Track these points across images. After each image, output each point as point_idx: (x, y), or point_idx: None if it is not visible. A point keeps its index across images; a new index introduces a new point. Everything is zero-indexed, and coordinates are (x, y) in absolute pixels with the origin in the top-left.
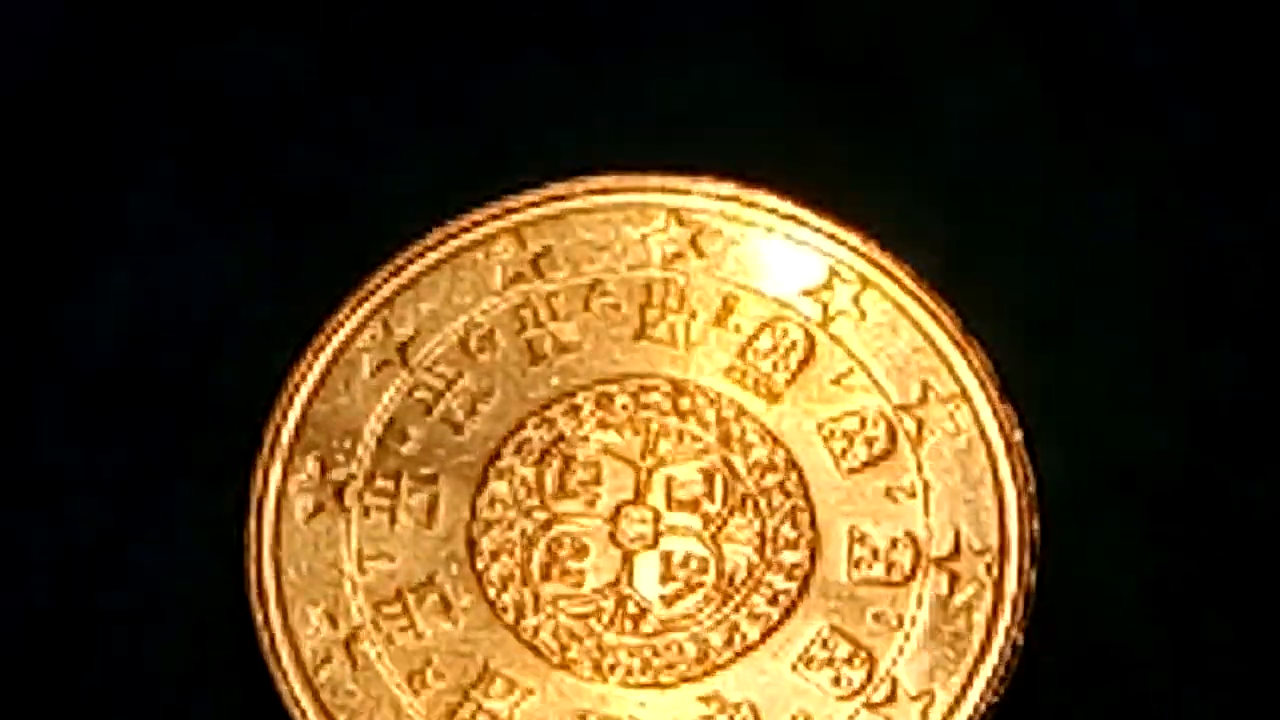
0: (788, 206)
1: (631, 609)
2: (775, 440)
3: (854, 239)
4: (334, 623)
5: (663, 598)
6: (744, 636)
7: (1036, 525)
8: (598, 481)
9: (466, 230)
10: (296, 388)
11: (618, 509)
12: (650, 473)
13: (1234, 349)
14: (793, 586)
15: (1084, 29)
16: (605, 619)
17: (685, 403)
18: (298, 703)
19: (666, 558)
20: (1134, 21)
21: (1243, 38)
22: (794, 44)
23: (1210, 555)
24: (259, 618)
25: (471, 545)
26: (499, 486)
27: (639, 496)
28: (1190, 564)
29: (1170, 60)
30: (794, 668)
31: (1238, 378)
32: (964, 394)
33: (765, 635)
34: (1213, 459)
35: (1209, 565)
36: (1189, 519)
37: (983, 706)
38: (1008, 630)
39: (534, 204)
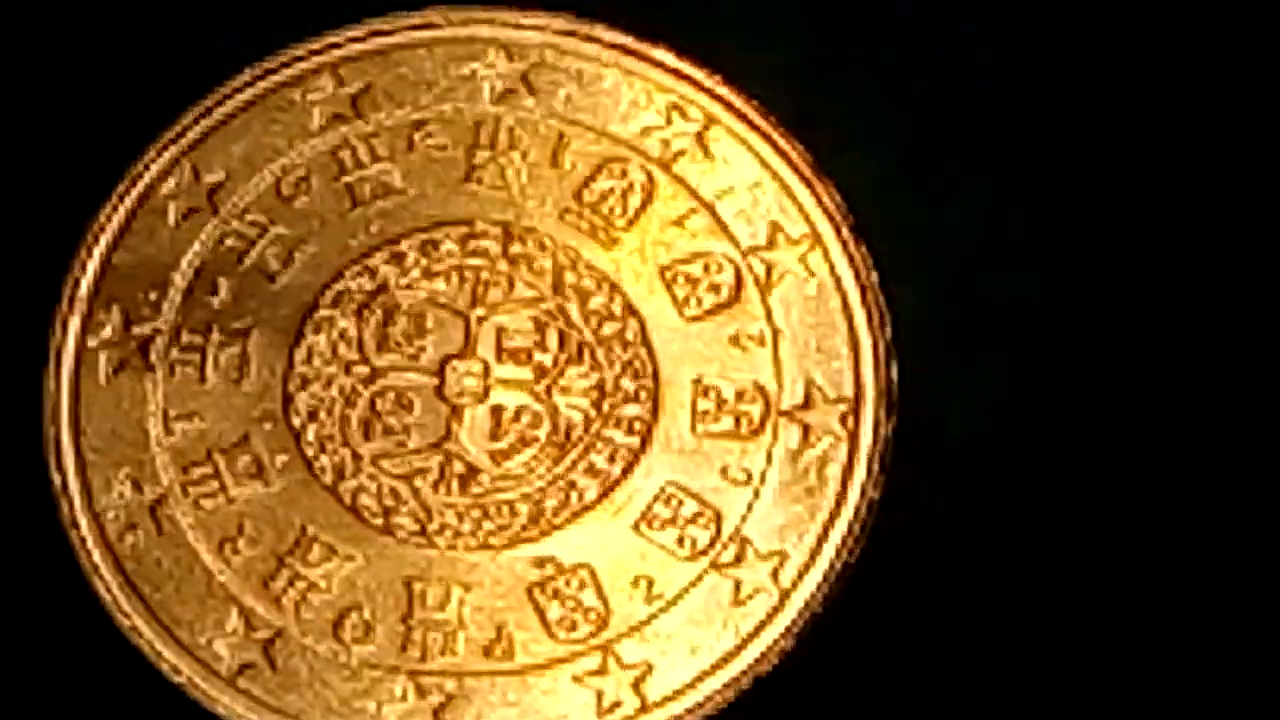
0: (626, 40)
1: (459, 468)
2: (613, 286)
3: (697, 74)
4: (138, 487)
5: (492, 455)
6: (581, 495)
7: (894, 373)
8: (422, 333)
9: (281, 68)
10: (96, 236)
11: (444, 362)
12: (479, 323)
13: (1092, 187)
14: (633, 441)
15: None
16: (431, 479)
17: (516, 248)
18: (99, 572)
19: (496, 412)
20: None
21: None
22: None
23: (1071, 400)
24: (56, 482)
25: (287, 402)
26: (316, 340)
27: (467, 348)
28: (1051, 411)
29: None
30: (635, 527)
31: (1098, 217)
32: (815, 235)
33: (604, 494)
34: (1072, 301)
35: (1070, 412)
36: (1049, 363)
37: (838, 565)
38: (863, 485)
39: (354, 39)
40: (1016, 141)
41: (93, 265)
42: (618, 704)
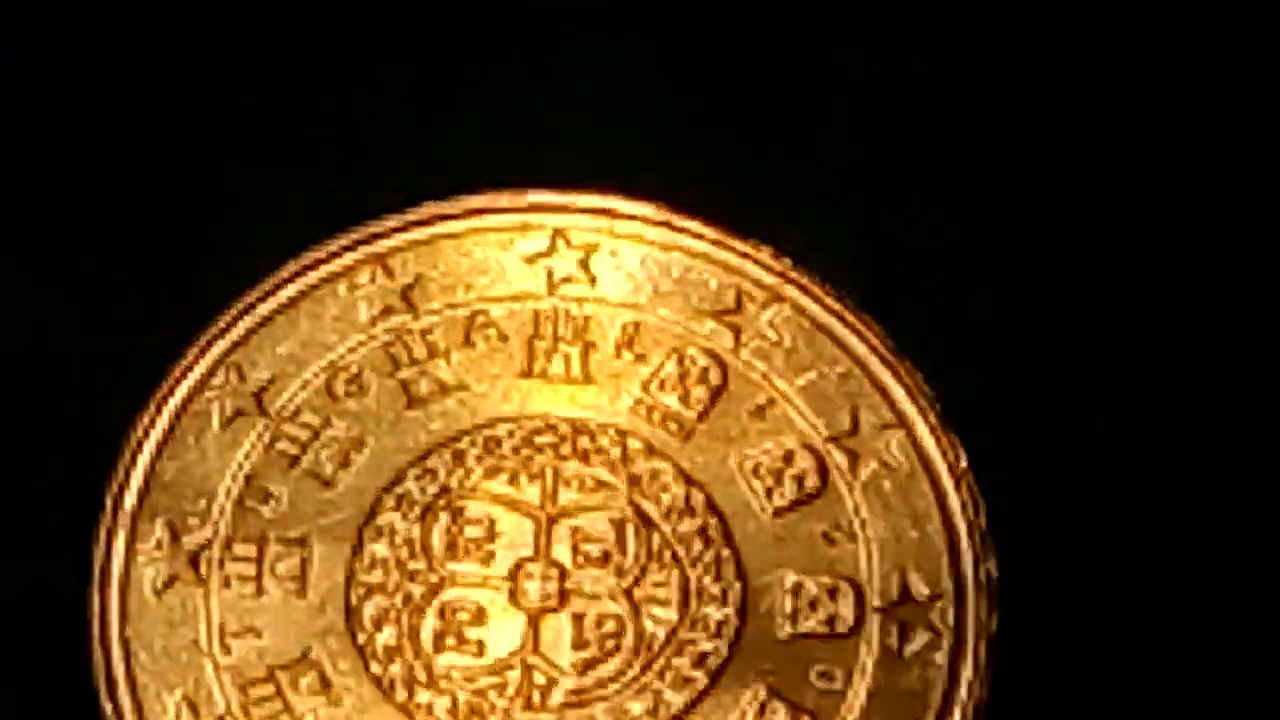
0: (686, 222)
1: (540, 679)
2: (690, 481)
3: (764, 255)
4: (195, 710)
5: (575, 665)
6: (668, 705)
7: (993, 565)
8: (492, 537)
9: (325, 261)
10: (139, 445)
11: (517, 567)
12: (552, 524)
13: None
14: (721, 645)
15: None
16: (511, 691)
17: (586, 443)
18: None
19: (577, 620)
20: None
21: None
22: (681, 50)
23: (1173, 587)
24: (108, 708)
25: (350, 614)
26: (378, 547)
27: (540, 552)
28: (1151, 599)
29: None
30: None
31: (1184, 400)
32: (901, 420)
33: (693, 703)
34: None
35: (1172, 600)
36: (1142, 549)
37: None
38: (970, 684)
39: (400, 228)
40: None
41: (136, 476)
42: None
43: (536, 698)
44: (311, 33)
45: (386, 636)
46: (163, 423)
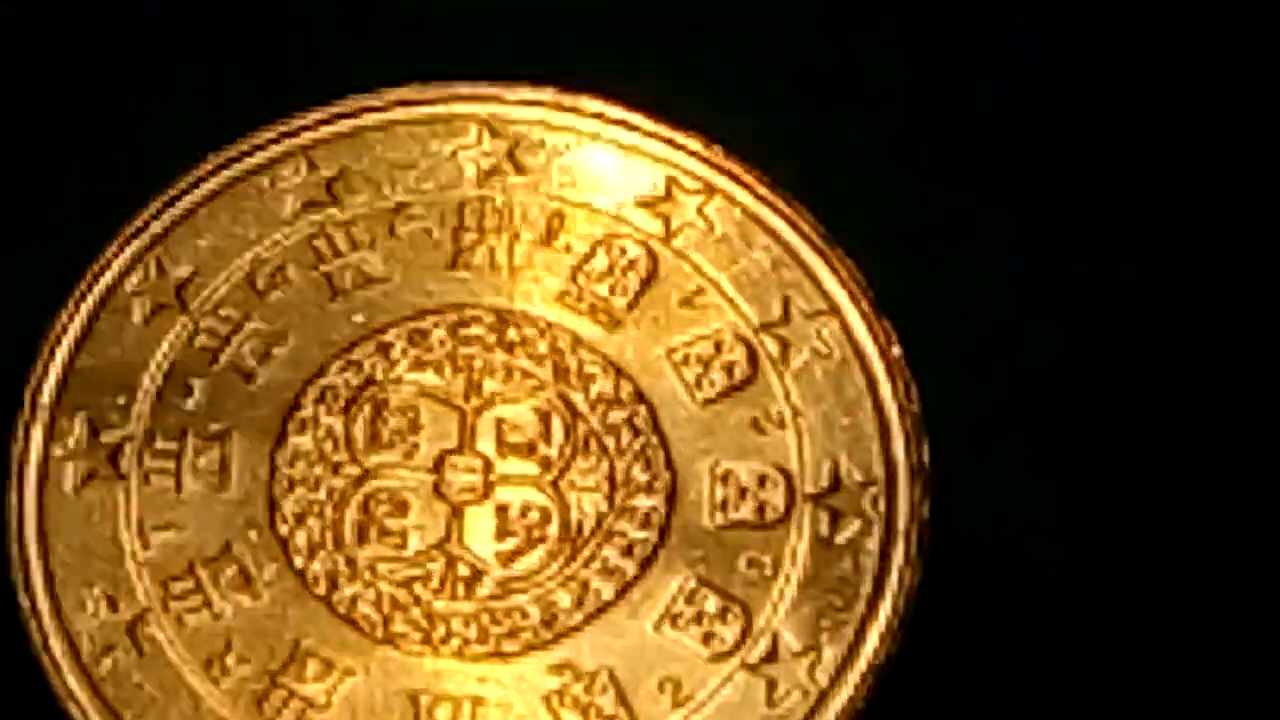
0: (617, 111)
1: (464, 571)
2: (619, 371)
3: (694, 144)
4: (115, 605)
5: (500, 556)
6: (597, 595)
7: (926, 451)
8: (416, 429)
9: (247, 154)
10: (57, 340)
11: (441, 458)
12: (477, 415)
13: (1118, 251)
14: (649, 535)
15: None
16: (434, 583)
17: (512, 334)
18: (74, 698)
19: (501, 510)
20: None
21: None
22: None
23: (1104, 472)
24: (25, 604)
25: (272, 508)
26: (300, 440)
27: (465, 443)
28: (1085, 483)
29: None
30: (657, 627)
31: (1124, 285)
32: (833, 308)
33: (621, 592)
34: (1101, 370)
35: (1104, 484)
36: (1081, 436)
37: (879, 658)
38: (901, 571)
39: (324, 121)
40: (1036, 204)
41: (54, 371)
42: None
43: (461, 589)
44: None
45: (308, 530)
46: (81, 318)
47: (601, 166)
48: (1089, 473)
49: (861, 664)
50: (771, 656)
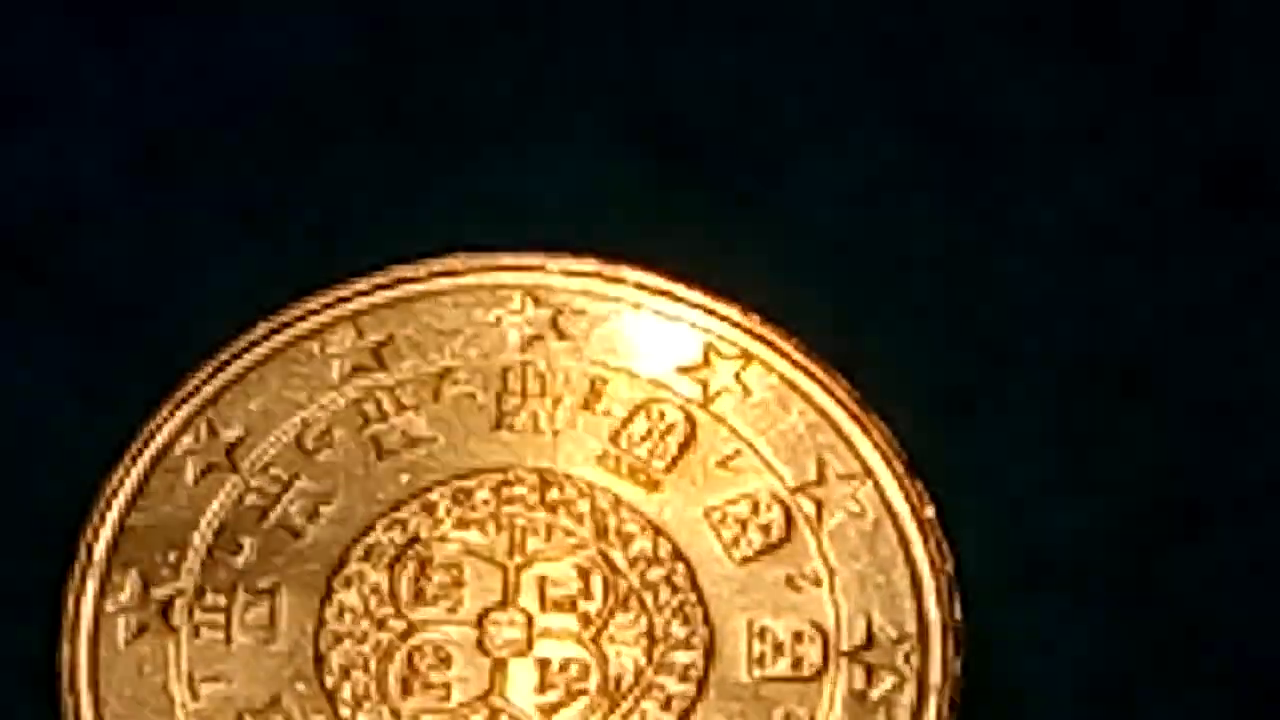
0: (656, 281)
1: None
2: (658, 530)
3: (732, 312)
4: None
5: (540, 708)
6: None
7: (958, 609)
8: (459, 585)
9: (298, 320)
10: (111, 498)
11: (484, 613)
12: (519, 572)
13: (1148, 421)
14: (688, 689)
15: (963, 92)
16: None
17: (554, 494)
18: None
19: (543, 664)
20: (1016, 82)
21: (1132, 90)
22: (647, 118)
23: (1136, 635)
24: None
25: (319, 661)
26: (347, 595)
27: (508, 599)
28: (1116, 646)
29: (1058, 120)
30: None
31: (1152, 453)
32: (866, 471)
33: None
34: (1130, 536)
35: (1135, 646)
36: (1111, 599)
37: None
38: None
39: (373, 289)
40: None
41: (107, 528)
42: None
43: None
44: (290, 93)
45: (354, 682)
46: (135, 477)
47: (641, 334)
48: (1122, 631)
49: None
50: None
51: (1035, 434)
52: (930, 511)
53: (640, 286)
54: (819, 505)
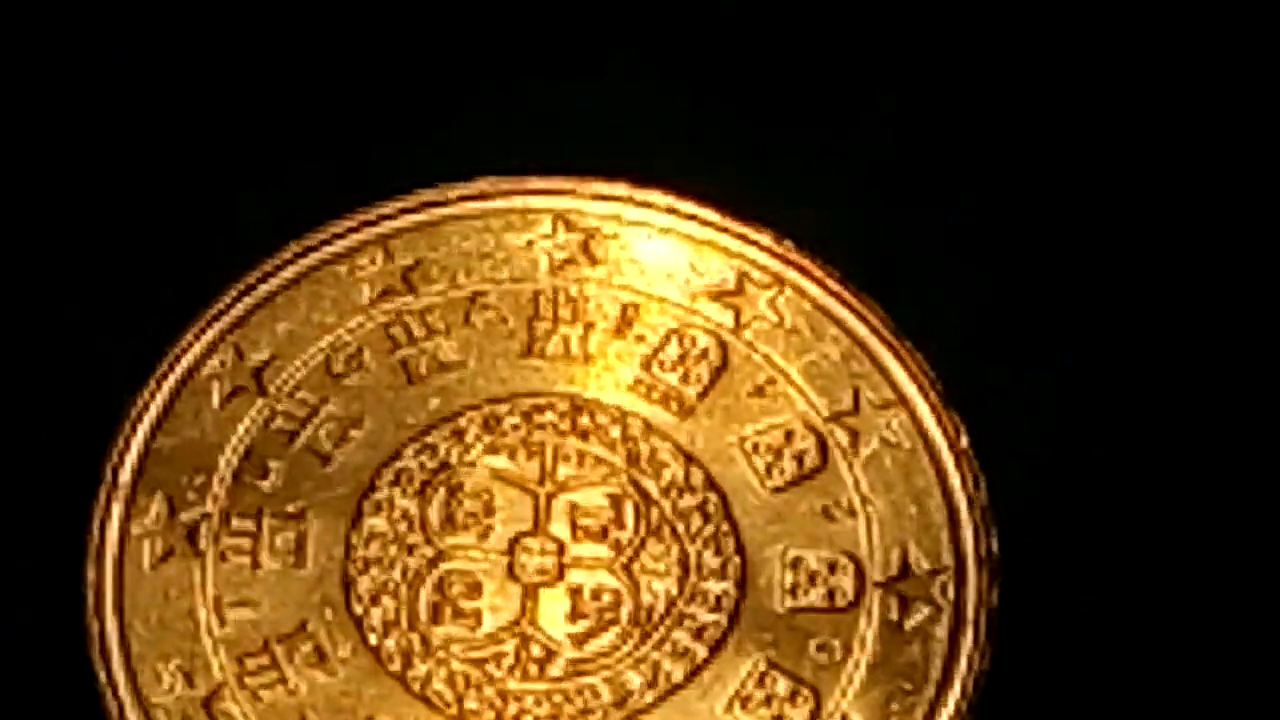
0: (689, 206)
1: (537, 651)
2: (690, 459)
3: (765, 239)
4: (190, 680)
5: (572, 636)
6: (667, 676)
7: (995, 540)
8: (490, 511)
9: (326, 243)
10: (137, 420)
11: (515, 541)
12: (550, 500)
13: (1180, 347)
14: (720, 618)
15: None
16: (507, 663)
17: (585, 421)
18: None
19: (574, 592)
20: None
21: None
22: (681, 44)
23: (1174, 562)
24: (102, 677)
25: (347, 587)
26: (376, 521)
27: (539, 526)
28: (1153, 574)
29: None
30: (728, 709)
31: (1185, 379)
32: (902, 400)
33: (691, 674)
34: (1164, 461)
35: (1174, 574)
36: (1148, 523)
37: None
38: (970, 656)
39: (402, 212)
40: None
41: (134, 450)
42: None
43: (534, 669)
44: (321, 19)
45: (383, 609)
46: (161, 399)
47: (673, 259)
48: (1157, 561)
49: None
50: None
51: (1070, 364)
52: (965, 441)
53: (672, 211)
54: (853, 434)
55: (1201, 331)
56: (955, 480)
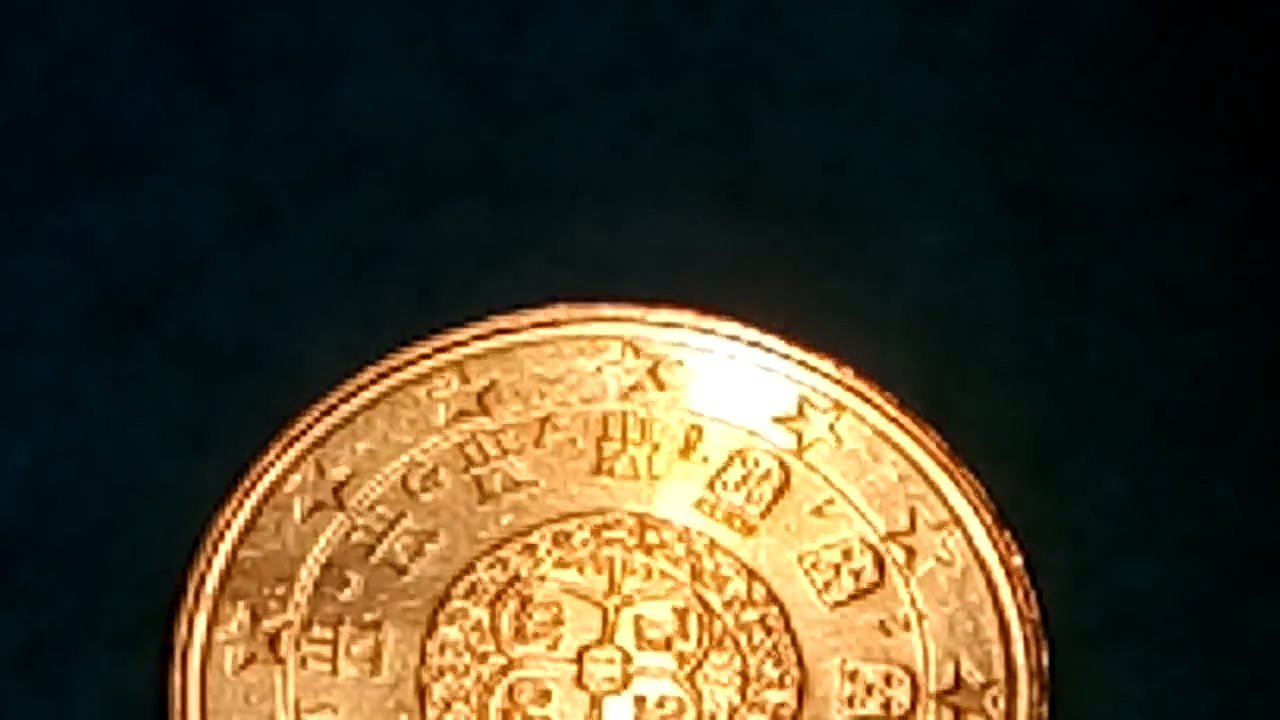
0: (752, 334)
1: None
2: (752, 574)
3: (826, 365)
4: None
5: None
6: None
7: (1045, 655)
8: (559, 622)
9: (403, 367)
10: (221, 534)
11: (583, 651)
12: (617, 612)
13: (1226, 477)
14: None
15: (1048, 159)
16: None
17: (652, 537)
18: None
19: (639, 701)
20: (1101, 149)
21: (1213, 159)
22: (739, 180)
23: (1215, 689)
24: None
25: (422, 694)
26: (449, 631)
27: (606, 637)
28: (1195, 699)
29: (1142, 187)
30: None
31: (1232, 511)
32: (956, 520)
33: None
34: (1210, 591)
35: (1214, 699)
36: (1191, 653)
37: None
38: None
39: (476, 338)
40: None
41: (219, 562)
42: None
43: None
44: (391, 156)
45: (456, 715)
46: (245, 513)
47: (737, 385)
48: (1200, 684)
49: None
50: None
51: (1117, 490)
52: (1018, 560)
53: (735, 339)
54: (909, 552)
55: (1250, 456)
56: (1007, 596)
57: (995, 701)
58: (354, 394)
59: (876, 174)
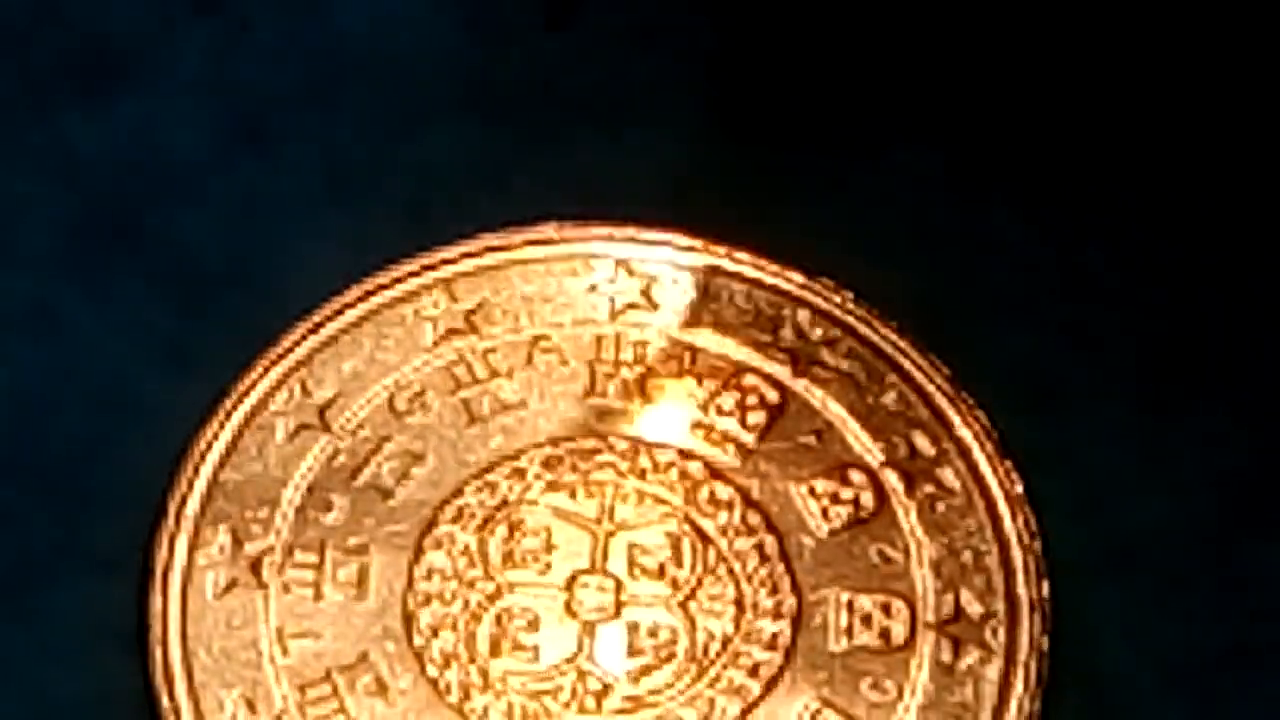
0: (750, 256)
1: (594, 685)
2: (747, 500)
3: (825, 289)
4: (252, 708)
5: (629, 672)
6: (722, 713)
7: (1047, 586)
8: (549, 548)
9: (393, 284)
10: (203, 455)
11: (573, 577)
12: (609, 538)
13: (1233, 409)
14: (775, 657)
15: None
16: (563, 697)
17: (644, 462)
18: None
19: (632, 628)
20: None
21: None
22: (737, 101)
23: (1221, 624)
24: (164, 703)
25: (409, 620)
26: (436, 556)
27: (597, 564)
28: (1198, 629)
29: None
30: None
31: (1239, 439)
32: (958, 448)
33: (746, 711)
34: (1213, 523)
35: (1220, 635)
36: (1194, 584)
37: None
38: (1020, 699)
39: (466, 256)
40: (1145, 362)
41: (200, 483)
42: None
43: (591, 703)
44: (385, 75)
45: (443, 642)
46: (227, 434)
47: (733, 307)
48: (1203, 615)
49: None
50: None
51: (1121, 419)
52: (1019, 489)
53: (732, 260)
54: (908, 480)
55: (1254, 384)
56: (1008, 526)
57: (995, 632)
58: (340, 312)
59: (875, 96)
